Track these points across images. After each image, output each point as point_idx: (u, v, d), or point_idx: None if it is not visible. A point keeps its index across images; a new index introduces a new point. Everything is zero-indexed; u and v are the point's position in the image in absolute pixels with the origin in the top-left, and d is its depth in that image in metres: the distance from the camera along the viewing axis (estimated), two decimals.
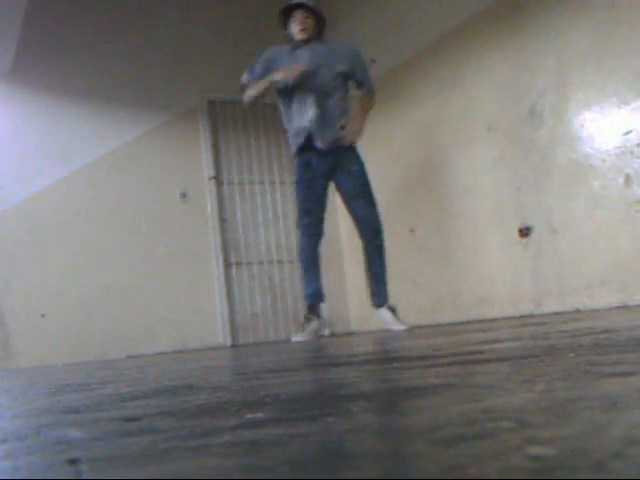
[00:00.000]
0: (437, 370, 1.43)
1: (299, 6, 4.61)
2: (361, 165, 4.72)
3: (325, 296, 4.63)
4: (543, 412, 0.74)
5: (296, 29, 4.61)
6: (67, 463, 0.71)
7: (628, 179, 4.08)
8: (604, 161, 4.24)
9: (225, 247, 6.59)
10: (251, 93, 4.68)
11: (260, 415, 0.95)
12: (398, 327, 4.59)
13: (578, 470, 0.47)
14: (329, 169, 4.65)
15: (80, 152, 6.20)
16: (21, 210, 5.99)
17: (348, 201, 4.71)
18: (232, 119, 6.79)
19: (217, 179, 6.62)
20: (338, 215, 6.93)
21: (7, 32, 5.56)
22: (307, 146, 4.61)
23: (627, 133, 4.09)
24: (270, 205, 6.82)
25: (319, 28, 4.70)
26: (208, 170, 6.57)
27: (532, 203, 4.76)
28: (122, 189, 6.27)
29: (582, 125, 4.37)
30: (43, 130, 6.14)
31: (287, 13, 4.66)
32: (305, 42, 4.65)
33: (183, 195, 6.47)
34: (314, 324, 4.54)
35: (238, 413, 1.01)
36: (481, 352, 1.78)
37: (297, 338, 4.54)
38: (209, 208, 6.54)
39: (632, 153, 4.06)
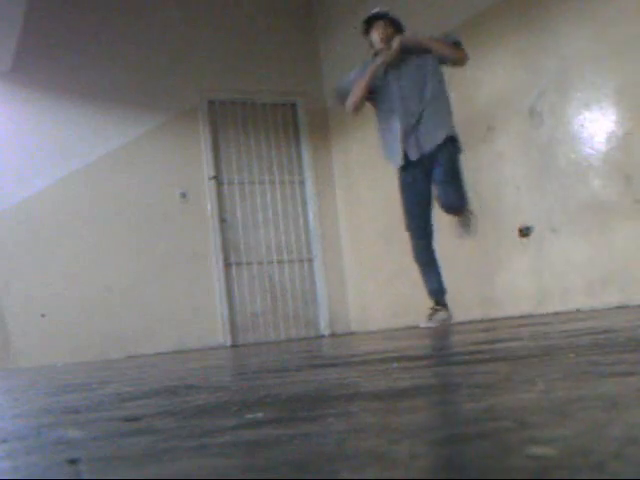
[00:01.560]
0: (437, 370, 1.44)
1: (380, 17, 4.71)
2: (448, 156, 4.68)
3: (446, 290, 4.66)
4: (543, 412, 0.74)
5: (377, 38, 4.69)
6: (67, 463, 0.71)
7: (628, 179, 4.08)
8: (604, 161, 4.23)
9: (225, 247, 6.58)
10: (357, 93, 4.71)
11: (260, 415, 0.95)
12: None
13: (578, 470, 0.47)
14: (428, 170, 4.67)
15: (80, 152, 6.19)
16: (21, 210, 5.99)
17: None
18: (232, 119, 6.79)
19: (217, 179, 6.61)
20: (338, 215, 6.92)
21: (7, 32, 5.55)
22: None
23: (627, 133, 4.09)
24: (270, 205, 6.82)
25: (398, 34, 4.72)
26: (208, 170, 6.57)
27: (532, 203, 4.75)
28: (122, 189, 6.26)
29: (582, 125, 4.36)
30: (43, 130, 6.13)
31: (370, 22, 4.76)
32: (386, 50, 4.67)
33: (183, 195, 6.47)
34: (441, 314, 4.60)
35: (238, 413, 1.01)
36: (481, 352, 1.78)
37: (427, 324, 4.60)
38: (209, 208, 6.54)
39: (632, 153, 4.06)
